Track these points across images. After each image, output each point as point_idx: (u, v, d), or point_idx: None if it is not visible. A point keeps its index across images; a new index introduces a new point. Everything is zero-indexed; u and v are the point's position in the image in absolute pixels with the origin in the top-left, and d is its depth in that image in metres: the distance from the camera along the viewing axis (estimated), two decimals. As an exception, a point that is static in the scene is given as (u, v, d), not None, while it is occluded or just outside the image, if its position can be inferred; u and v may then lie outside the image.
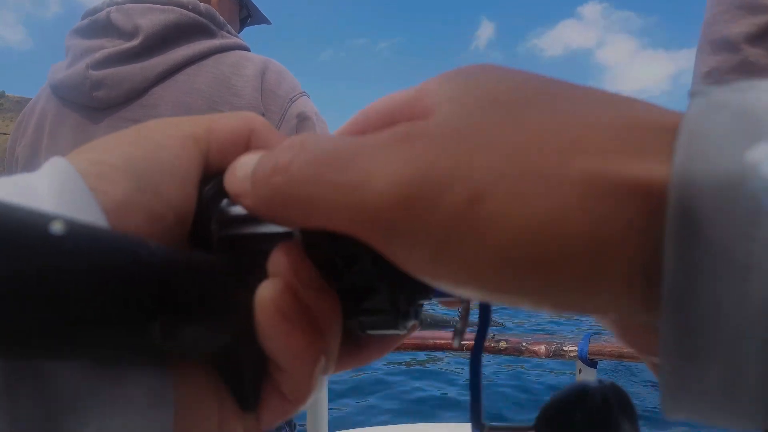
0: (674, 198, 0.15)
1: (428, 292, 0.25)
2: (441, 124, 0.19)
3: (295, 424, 1.11)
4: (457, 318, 0.26)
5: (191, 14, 1.01)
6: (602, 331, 1.66)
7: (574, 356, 1.60)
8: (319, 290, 0.23)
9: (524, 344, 1.66)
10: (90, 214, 0.20)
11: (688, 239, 0.15)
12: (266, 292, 0.22)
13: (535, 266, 0.16)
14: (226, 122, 0.26)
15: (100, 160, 0.22)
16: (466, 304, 0.26)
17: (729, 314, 0.14)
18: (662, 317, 0.15)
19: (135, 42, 0.98)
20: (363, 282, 0.24)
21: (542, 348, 1.63)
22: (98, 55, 0.98)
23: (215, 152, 0.25)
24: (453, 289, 0.19)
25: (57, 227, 0.15)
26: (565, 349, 1.62)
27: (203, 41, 1.02)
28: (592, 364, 1.61)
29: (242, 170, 0.23)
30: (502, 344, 1.66)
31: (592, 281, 0.16)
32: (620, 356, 1.59)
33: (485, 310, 0.26)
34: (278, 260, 0.22)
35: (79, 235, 0.16)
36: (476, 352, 0.26)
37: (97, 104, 0.98)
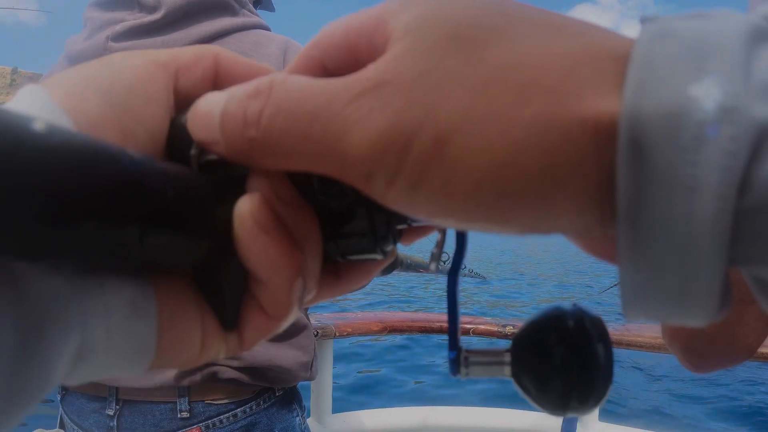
0: (624, 129, 0.17)
1: (405, 216, 0.24)
2: (405, 67, 0.19)
3: (304, 407, 1.12)
4: (426, 264, 0.27)
5: None
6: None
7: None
8: (296, 206, 0.23)
9: (510, 329, 1.67)
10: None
11: (638, 164, 0.16)
12: (245, 206, 0.22)
13: (497, 197, 0.18)
14: (189, 48, 0.27)
15: (70, 83, 0.23)
16: (442, 231, 0.27)
17: (678, 227, 0.16)
18: (618, 232, 0.17)
19: (157, 16, 0.97)
20: (341, 206, 0.24)
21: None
22: (119, 27, 0.97)
23: (183, 77, 0.26)
24: (428, 219, 0.21)
25: (38, 125, 0.15)
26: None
27: (225, 18, 1.01)
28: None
29: (207, 117, 0.22)
30: (509, 329, 1.68)
31: (550, 207, 0.18)
32: (627, 344, 1.61)
33: (461, 236, 0.26)
34: (256, 179, 0.23)
35: (60, 134, 0.16)
36: (452, 275, 0.26)
37: None
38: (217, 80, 0.27)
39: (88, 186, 0.16)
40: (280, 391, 1.03)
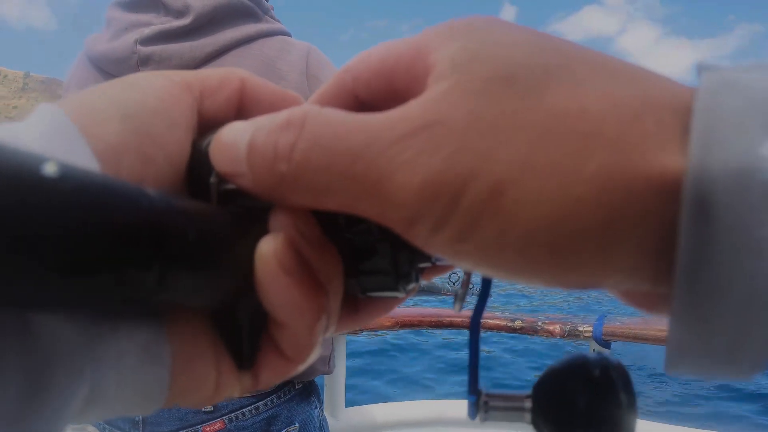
0: (690, 186, 0.16)
1: (429, 255, 0.24)
2: (456, 107, 0.18)
3: (321, 400, 1.14)
4: (447, 286, 0.27)
5: None
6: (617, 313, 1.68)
7: (589, 337, 1.61)
8: (321, 247, 0.22)
9: (539, 324, 1.67)
10: (81, 158, 0.19)
11: (702, 222, 0.16)
12: (268, 246, 0.21)
13: (552, 253, 0.17)
14: (215, 71, 0.25)
15: (91, 104, 0.21)
16: (468, 271, 0.25)
17: (741, 289, 0.16)
18: (675, 291, 0.17)
19: (185, 21, 0.97)
20: (365, 242, 0.24)
21: (557, 328, 1.65)
22: (147, 30, 0.97)
23: (208, 101, 0.24)
24: (471, 269, 0.20)
25: (50, 169, 0.14)
26: (580, 329, 1.63)
27: (250, 25, 1.02)
28: (606, 344, 1.62)
29: (232, 148, 0.21)
30: (518, 323, 1.68)
31: (606, 265, 0.17)
32: (634, 338, 1.60)
33: (487, 279, 0.25)
34: (281, 216, 0.22)
35: (74, 177, 0.15)
36: (475, 319, 0.26)
37: None
38: (242, 105, 0.26)
39: (104, 233, 0.15)
40: (299, 385, 1.05)
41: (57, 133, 0.20)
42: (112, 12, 1.04)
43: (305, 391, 1.06)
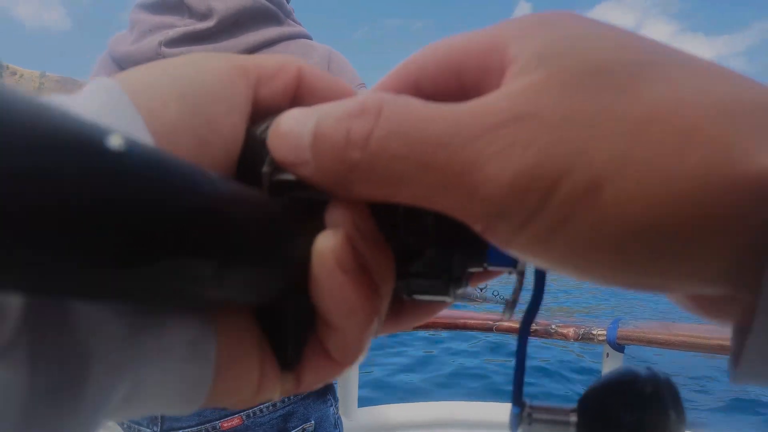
0: None
1: (481, 259, 0.23)
2: (549, 99, 0.17)
3: (337, 398, 1.15)
4: (476, 292, 0.26)
5: (263, 0, 1.02)
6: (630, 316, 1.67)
7: (603, 340, 1.60)
8: (379, 246, 0.21)
9: (553, 327, 1.66)
10: (137, 135, 0.18)
11: None
12: (326, 243, 0.20)
13: (648, 252, 0.17)
14: (272, 57, 0.24)
15: (148, 81, 0.20)
16: (520, 275, 0.24)
17: None
18: (764, 295, 0.16)
19: (209, 23, 0.98)
20: (419, 243, 0.23)
21: (571, 331, 1.64)
22: (172, 32, 0.98)
23: (264, 88, 0.24)
24: (551, 268, 0.19)
25: (115, 142, 0.13)
26: (594, 332, 1.62)
27: (272, 28, 1.02)
28: (620, 348, 1.61)
29: (294, 135, 0.20)
30: (532, 326, 1.67)
31: (699, 267, 0.17)
32: (649, 342, 1.58)
33: (539, 285, 0.24)
34: (339, 212, 0.21)
35: (139, 153, 0.13)
36: (524, 328, 0.25)
37: None
38: (298, 94, 0.25)
39: (165, 215, 0.14)
40: None
41: (113, 108, 0.19)
42: (137, 14, 1.05)
43: (321, 388, 1.07)
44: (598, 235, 0.17)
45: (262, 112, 0.23)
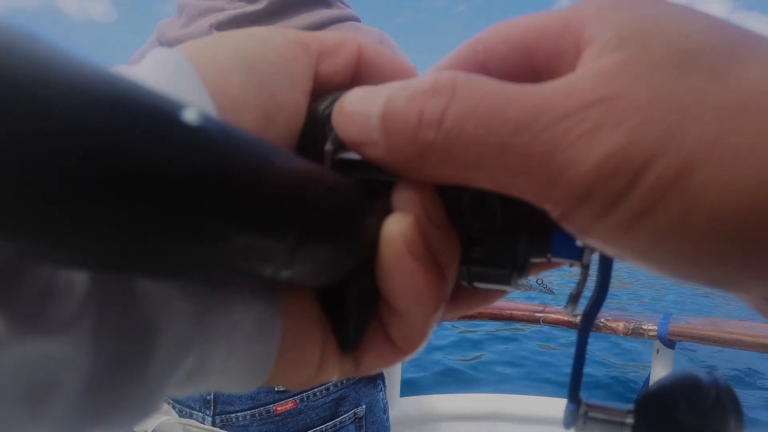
0: None
1: (545, 250, 0.22)
2: (636, 80, 0.17)
3: (385, 384, 1.16)
4: (528, 282, 0.25)
5: None
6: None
7: (653, 336, 1.57)
8: (446, 231, 0.21)
9: (602, 320, 1.63)
10: (203, 107, 0.18)
11: None
12: (396, 227, 0.20)
13: (738, 244, 0.16)
14: (332, 34, 0.24)
15: (214, 53, 0.20)
16: (585, 269, 0.23)
17: None
18: None
19: (259, 6, 0.98)
20: (485, 230, 0.22)
21: (620, 325, 1.61)
22: (222, 15, 0.98)
23: (324, 64, 0.23)
24: (634, 260, 0.18)
25: (190, 116, 0.12)
26: (644, 327, 1.59)
27: (322, 10, 1.02)
28: (671, 344, 1.57)
29: (361, 114, 0.20)
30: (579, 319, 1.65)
31: None
32: (701, 338, 1.54)
33: (605, 277, 0.23)
34: (408, 194, 0.20)
35: (218, 128, 0.13)
36: (586, 323, 0.24)
37: None
38: (359, 71, 0.24)
39: (244, 192, 0.14)
40: None
41: (179, 80, 0.19)
42: None
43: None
44: (687, 223, 0.16)
45: (322, 89, 0.23)
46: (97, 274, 0.15)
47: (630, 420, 0.23)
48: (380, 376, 1.13)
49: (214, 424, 0.98)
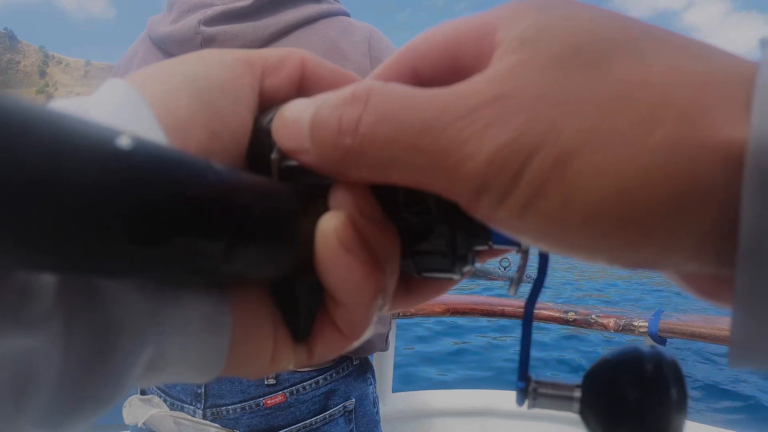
0: (752, 157, 0.15)
1: (486, 238, 0.24)
2: (525, 79, 0.18)
3: (375, 377, 1.17)
4: (498, 271, 0.27)
5: None
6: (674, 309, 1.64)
7: (644, 332, 1.58)
8: (381, 226, 0.22)
9: (593, 317, 1.64)
10: (150, 132, 0.20)
11: (764, 195, 0.15)
12: (328, 224, 0.21)
13: (617, 225, 0.17)
14: (276, 50, 0.26)
15: (160, 78, 0.22)
16: (524, 254, 0.25)
17: None
18: (738, 269, 0.16)
19: (248, 1, 0.98)
20: (423, 222, 0.23)
21: (611, 321, 1.62)
22: (210, 11, 0.98)
23: (269, 80, 0.25)
24: (533, 243, 0.19)
25: (124, 142, 0.15)
26: (635, 324, 1.60)
27: (311, 5, 1.02)
28: (662, 341, 1.58)
29: (295, 124, 0.21)
30: (571, 315, 1.66)
31: (671, 240, 0.17)
32: (692, 335, 1.55)
33: (543, 261, 0.25)
34: (341, 194, 0.22)
35: (146, 151, 0.15)
36: (529, 305, 0.26)
37: None
38: (302, 83, 0.26)
39: (175, 205, 0.16)
40: (356, 361, 1.07)
41: (126, 107, 0.20)
42: None
43: (362, 367, 1.09)
44: (569, 208, 0.17)
45: (269, 102, 0.25)
46: (62, 278, 0.17)
47: (578, 394, 0.24)
48: (370, 369, 1.13)
49: (204, 417, 0.98)
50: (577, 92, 0.18)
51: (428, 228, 0.24)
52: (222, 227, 0.18)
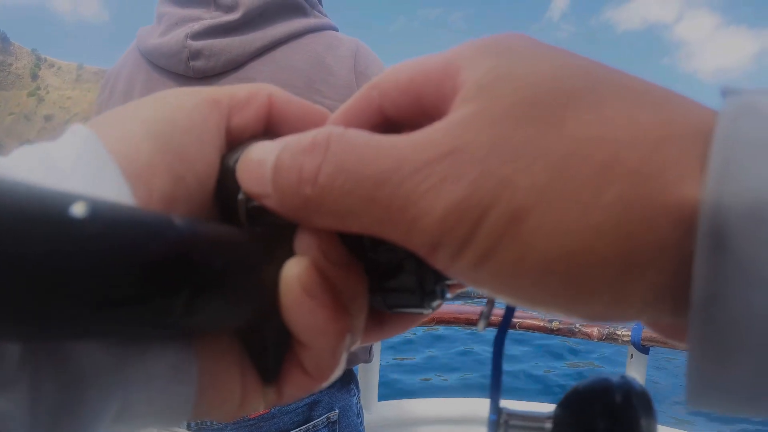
0: (705, 218, 0.15)
1: None
2: (478, 133, 0.18)
3: (359, 388, 1.17)
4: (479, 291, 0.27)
5: None
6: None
7: (627, 341, 1.59)
8: (346, 268, 0.22)
9: (577, 326, 1.65)
10: (111, 181, 0.20)
11: (717, 258, 0.15)
12: (292, 271, 0.21)
13: (569, 284, 0.17)
14: (242, 86, 0.26)
15: (121, 125, 0.22)
16: None
17: (755, 325, 0.15)
18: (691, 324, 0.16)
19: (235, 15, 0.98)
20: (390, 260, 0.23)
21: (595, 330, 1.63)
22: (197, 25, 0.98)
23: (236, 117, 0.25)
24: (490, 295, 0.20)
25: (78, 210, 0.15)
26: (618, 333, 1.61)
27: (299, 20, 1.02)
28: (644, 350, 1.59)
29: (258, 168, 0.21)
30: (555, 324, 1.66)
31: (623, 297, 0.17)
32: (674, 344, 1.56)
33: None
34: (305, 239, 0.22)
35: (101, 216, 0.15)
36: (500, 335, 0.26)
37: (192, 74, 0.98)
38: (270, 120, 0.26)
39: (132, 267, 0.16)
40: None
41: (87, 156, 0.20)
42: (164, 7, 1.05)
43: (345, 378, 1.09)
44: (523, 264, 0.17)
45: (236, 140, 0.25)
46: (26, 345, 0.17)
47: (548, 425, 0.25)
48: (354, 381, 1.13)
49: (189, 428, 0.98)
50: (529, 148, 0.18)
51: (395, 265, 0.24)
52: (182, 283, 0.18)
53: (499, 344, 0.26)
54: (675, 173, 0.16)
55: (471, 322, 1.71)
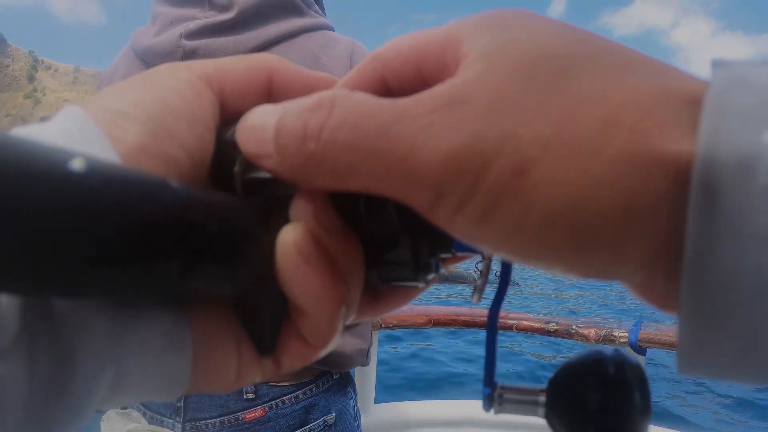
0: (698, 173, 0.16)
1: (449, 245, 0.24)
2: (483, 88, 0.19)
3: (356, 391, 1.16)
4: (474, 274, 0.27)
5: None
6: (654, 319, 1.65)
7: (624, 342, 1.58)
8: (342, 236, 0.23)
9: (574, 327, 1.65)
10: (104, 155, 0.20)
11: (709, 211, 0.16)
12: (288, 236, 0.21)
13: (572, 235, 0.17)
14: (240, 61, 0.26)
15: (110, 107, 0.22)
16: (487, 261, 0.26)
17: (746, 280, 0.15)
18: (683, 281, 0.16)
19: (229, 15, 0.98)
20: (385, 233, 0.24)
21: (592, 332, 1.63)
22: (192, 25, 0.98)
23: (231, 93, 0.25)
24: (492, 251, 0.20)
25: (77, 165, 0.15)
26: (615, 334, 1.61)
27: (294, 19, 1.02)
28: (642, 351, 1.59)
29: (259, 129, 0.21)
30: (552, 326, 1.66)
31: (623, 250, 0.17)
32: (671, 345, 1.56)
33: (506, 267, 0.25)
34: (300, 206, 0.22)
35: (99, 173, 0.15)
36: (493, 311, 0.26)
37: None
38: (272, 93, 0.26)
39: (128, 226, 0.16)
40: (336, 375, 1.07)
41: (81, 134, 0.20)
42: (158, 6, 1.05)
43: (342, 381, 1.08)
44: (528, 218, 0.18)
45: (234, 115, 0.24)
46: (24, 306, 0.17)
47: (542, 398, 0.24)
48: (351, 384, 1.12)
49: (183, 431, 0.98)
50: (531, 104, 0.18)
51: (390, 238, 0.24)
52: (178, 247, 0.18)
53: (493, 315, 0.26)
54: (671, 131, 0.17)
55: (468, 324, 1.71)
